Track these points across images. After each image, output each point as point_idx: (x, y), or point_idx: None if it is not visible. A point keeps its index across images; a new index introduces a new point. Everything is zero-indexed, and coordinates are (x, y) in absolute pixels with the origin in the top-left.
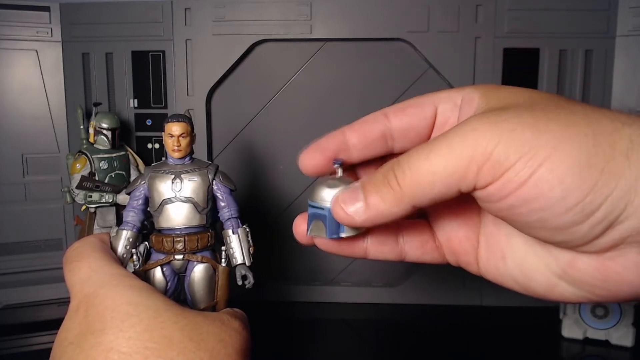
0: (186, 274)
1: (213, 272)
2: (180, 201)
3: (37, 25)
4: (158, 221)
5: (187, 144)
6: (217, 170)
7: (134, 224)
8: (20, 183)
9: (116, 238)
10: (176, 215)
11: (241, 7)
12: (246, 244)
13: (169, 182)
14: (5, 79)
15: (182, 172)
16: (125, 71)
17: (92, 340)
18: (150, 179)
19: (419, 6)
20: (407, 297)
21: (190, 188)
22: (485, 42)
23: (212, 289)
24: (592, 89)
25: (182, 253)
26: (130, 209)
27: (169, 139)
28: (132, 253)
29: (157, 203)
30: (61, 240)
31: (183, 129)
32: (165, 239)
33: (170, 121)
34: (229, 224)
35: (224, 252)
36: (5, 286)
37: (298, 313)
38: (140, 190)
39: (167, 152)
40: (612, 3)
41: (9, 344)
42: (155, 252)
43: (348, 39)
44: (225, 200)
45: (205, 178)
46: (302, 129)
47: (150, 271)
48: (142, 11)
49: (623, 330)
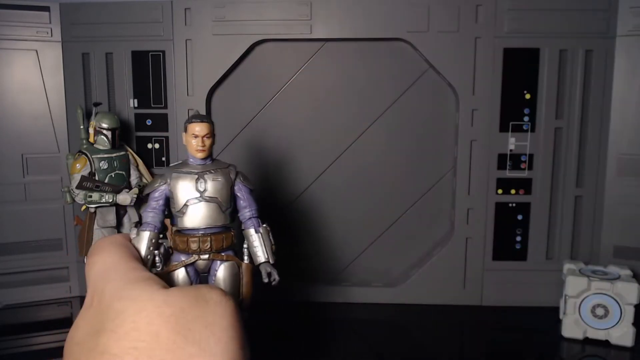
0: (210, 273)
1: (237, 269)
2: (206, 201)
3: (37, 25)
4: (182, 221)
5: (210, 144)
6: (237, 170)
7: (155, 225)
8: (20, 183)
9: (138, 240)
10: (201, 216)
11: (241, 7)
12: (268, 243)
13: (193, 183)
14: (5, 79)
15: (205, 172)
16: (125, 71)
17: (90, 343)
18: (173, 180)
19: (419, 6)
20: (407, 297)
21: (215, 188)
22: (485, 42)
23: (238, 287)
24: (592, 89)
25: (209, 253)
26: (150, 210)
27: (192, 140)
28: (155, 254)
29: (181, 203)
30: (61, 240)
31: (207, 129)
32: (192, 239)
33: (194, 121)
34: (250, 223)
35: (246, 249)
36: (5, 286)
37: (297, 313)
38: (161, 190)
39: (188, 153)
40: (612, 3)
41: (9, 344)
42: (177, 253)
43: (348, 39)
44: (246, 200)
45: (228, 178)
46: (302, 129)
47: (173, 272)
48: (142, 11)
49: (623, 330)
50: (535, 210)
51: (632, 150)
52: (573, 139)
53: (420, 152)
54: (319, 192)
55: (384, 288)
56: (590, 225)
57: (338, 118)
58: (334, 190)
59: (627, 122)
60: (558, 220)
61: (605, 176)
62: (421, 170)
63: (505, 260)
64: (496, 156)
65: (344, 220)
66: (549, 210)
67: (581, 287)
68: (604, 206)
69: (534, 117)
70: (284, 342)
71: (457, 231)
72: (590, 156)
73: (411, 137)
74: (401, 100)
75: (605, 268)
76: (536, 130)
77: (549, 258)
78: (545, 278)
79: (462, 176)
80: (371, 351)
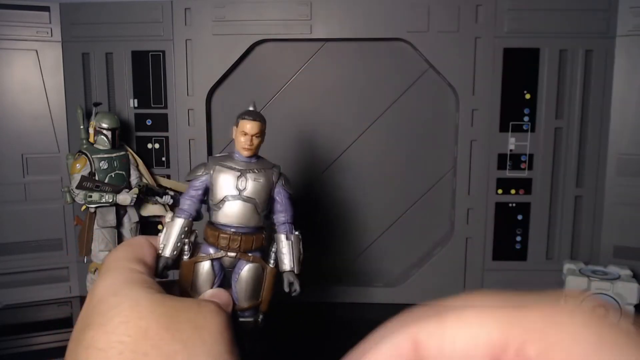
0: (234, 271)
1: (262, 272)
2: (243, 200)
3: (37, 25)
4: (216, 215)
5: (258, 143)
6: (280, 172)
7: (190, 213)
8: (20, 183)
9: (171, 225)
10: (236, 213)
11: (241, 7)
12: (297, 252)
13: (234, 179)
14: (5, 79)
15: (248, 170)
16: (125, 71)
17: (79, 337)
18: (216, 173)
19: (419, 6)
20: (407, 297)
21: (254, 188)
22: (485, 42)
23: (259, 289)
24: (592, 89)
25: (237, 252)
26: (188, 197)
27: (241, 137)
28: (185, 242)
29: (219, 198)
30: (61, 240)
31: (258, 128)
32: (222, 235)
33: (246, 118)
34: (283, 229)
35: (273, 253)
36: (5, 286)
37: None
38: (202, 180)
39: (235, 148)
40: (612, 3)
41: (9, 344)
42: (206, 244)
43: (348, 39)
44: (284, 205)
45: (270, 180)
46: (302, 129)
47: (199, 263)
48: (142, 11)
49: None
50: (535, 210)
51: (632, 150)
52: (573, 139)
53: (420, 152)
54: (319, 192)
55: (384, 288)
56: (590, 225)
57: (338, 118)
58: (334, 190)
59: (627, 122)
60: (558, 220)
61: (605, 176)
62: (421, 170)
63: (505, 260)
64: (496, 156)
65: (344, 220)
66: (549, 210)
67: (581, 287)
68: (604, 206)
69: (534, 117)
70: (281, 343)
71: (457, 231)
72: (590, 156)
73: (411, 137)
74: (401, 100)
75: (605, 268)
76: (536, 130)
77: (549, 258)
78: (545, 278)
79: (462, 176)
80: None
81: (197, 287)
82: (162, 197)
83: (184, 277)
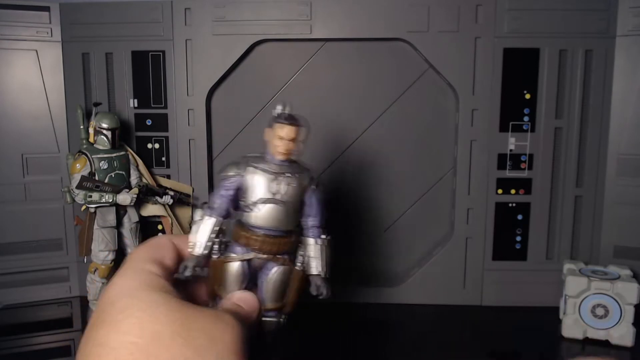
0: (262, 271)
1: (289, 274)
2: (276, 203)
3: (37, 25)
4: (248, 217)
5: (294, 148)
6: (312, 176)
7: (221, 212)
8: (20, 183)
9: (202, 224)
10: (269, 217)
11: (241, 7)
12: (326, 256)
13: (268, 182)
14: (5, 79)
15: (282, 173)
16: (125, 71)
17: (91, 334)
18: (249, 174)
19: (419, 6)
20: (407, 297)
21: (288, 193)
22: (485, 42)
23: (284, 291)
24: (592, 89)
25: (268, 253)
26: (219, 197)
27: (277, 141)
28: (214, 242)
29: (252, 200)
30: (61, 240)
31: (294, 134)
32: (254, 237)
33: (282, 122)
34: (313, 232)
35: (300, 256)
36: (5, 286)
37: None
38: (234, 181)
39: (270, 150)
40: (612, 3)
41: (9, 344)
42: (236, 244)
43: (348, 39)
44: (314, 208)
45: (303, 183)
46: None
47: (228, 263)
48: (142, 11)
49: (623, 330)
50: (535, 210)
51: (631, 150)
52: (573, 138)
53: (420, 152)
54: None
55: (384, 288)
56: (590, 225)
57: (338, 118)
58: (334, 190)
59: (627, 122)
60: (558, 220)
61: (605, 176)
62: (421, 170)
63: (505, 260)
64: (496, 156)
65: (343, 220)
66: (549, 210)
67: (581, 287)
68: (603, 206)
69: (533, 117)
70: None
71: (457, 231)
72: (590, 156)
73: (411, 137)
74: (401, 100)
75: (605, 268)
76: (536, 130)
77: (549, 258)
78: (545, 278)
79: (462, 176)
80: (370, 350)
81: (226, 286)
82: (162, 197)
83: (213, 276)
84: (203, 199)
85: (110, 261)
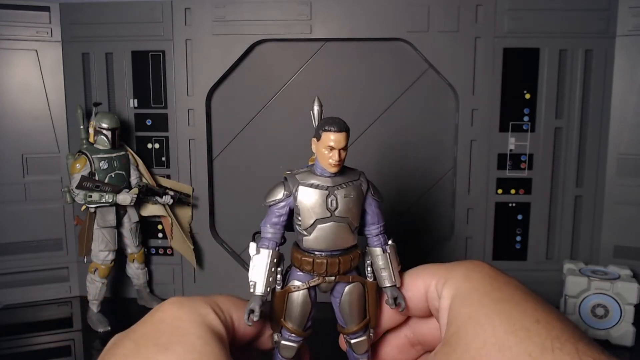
0: (333, 294)
1: (363, 289)
2: (335, 221)
3: (37, 25)
4: (307, 241)
5: (345, 156)
6: (367, 180)
7: (275, 242)
8: (20, 183)
9: (258, 259)
10: (331, 237)
11: (241, 7)
12: (395, 263)
13: (324, 199)
14: (5, 79)
15: (336, 187)
16: (125, 71)
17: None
18: (300, 194)
19: (419, 6)
20: None
21: (346, 206)
22: (485, 42)
23: (364, 307)
24: (592, 89)
25: (335, 275)
26: (271, 226)
27: (327, 152)
28: (276, 273)
29: (309, 223)
30: (61, 240)
31: (345, 140)
32: (318, 261)
33: (331, 130)
34: (378, 241)
35: (369, 267)
36: (5, 286)
37: None
38: (284, 205)
39: (317, 163)
40: (612, 3)
41: (9, 344)
42: (297, 270)
43: (348, 39)
44: (375, 215)
45: (360, 192)
46: (302, 129)
47: (293, 293)
48: (142, 11)
49: (623, 330)
50: (535, 210)
51: (631, 150)
52: (573, 139)
53: (420, 152)
54: None
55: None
56: (590, 225)
57: None
58: None
59: (627, 122)
60: (558, 220)
61: (605, 176)
62: (421, 170)
63: (505, 260)
64: (496, 156)
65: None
66: (549, 210)
67: (581, 287)
68: (604, 206)
69: (533, 117)
70: None
71: (457, 231)
72: (590, 156)
73: (411, 137)
74: (401, 100)
75: (605, 268)
76: (536, 130)
77: (549, 258)
78: (545, 278)
79: (462, 176)
80: None
81: (292, 317)
82: (162, 197)
83: (276, 308)
84: (255, 229)
85: (110, 261)
